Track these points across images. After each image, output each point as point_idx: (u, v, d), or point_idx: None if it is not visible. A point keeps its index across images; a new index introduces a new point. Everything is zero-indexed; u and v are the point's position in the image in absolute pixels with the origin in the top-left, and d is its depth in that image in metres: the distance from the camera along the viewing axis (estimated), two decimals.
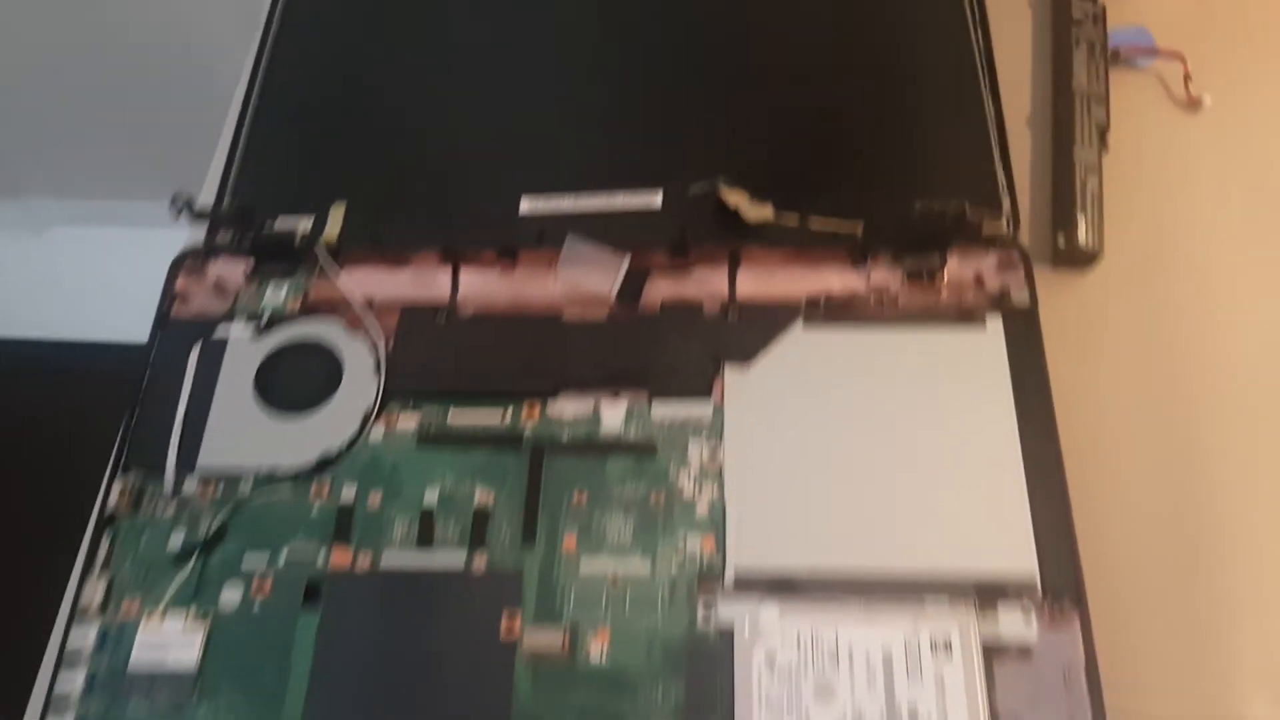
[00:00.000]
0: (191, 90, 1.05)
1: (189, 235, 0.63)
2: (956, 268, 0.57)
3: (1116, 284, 0.59)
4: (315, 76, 0.70)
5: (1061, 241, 0.59)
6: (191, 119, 0.93)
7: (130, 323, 0.72)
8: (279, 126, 0.68)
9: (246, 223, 0.60)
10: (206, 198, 0.65)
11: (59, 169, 1.30)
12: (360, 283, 0.60)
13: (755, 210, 0.59)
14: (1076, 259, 0.59)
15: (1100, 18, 0.64)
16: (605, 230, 0.60)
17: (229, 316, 0.59)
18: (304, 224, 0.62)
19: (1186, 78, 0.64)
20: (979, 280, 0.57)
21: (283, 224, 0.62)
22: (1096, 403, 0.56)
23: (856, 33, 0.68)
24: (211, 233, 0.62)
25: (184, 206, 0.58)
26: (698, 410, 0.55)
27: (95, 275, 1.35)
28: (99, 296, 1.32)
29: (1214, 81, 0.64)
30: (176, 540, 0.53)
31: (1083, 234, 0.58)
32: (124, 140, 1.19)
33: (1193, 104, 0.64)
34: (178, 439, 0.55)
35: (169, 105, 1.13)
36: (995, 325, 0.55)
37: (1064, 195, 0.59)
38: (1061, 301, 0.58)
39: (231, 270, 0.61)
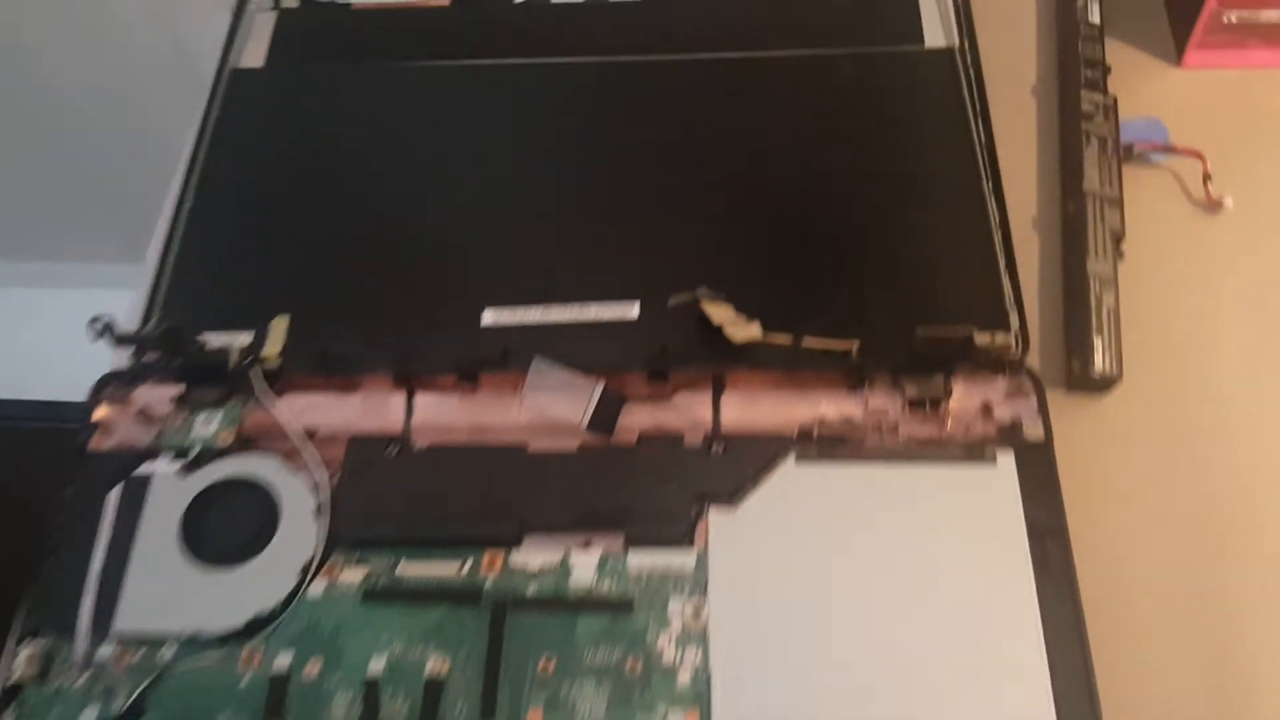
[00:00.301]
0: (132, 152, 0.99)
1: (131, 300, 0.57)
2: (962, 395, 0.52)
3: (1136, 407, 0.54)
4: (257, 174, 0.64)
5: (1076, 367, 0.53)
6: (133, 181, 0.87)
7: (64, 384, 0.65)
8: (217, 229, 0.62)
9: (175, 346, 0.54)
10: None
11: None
12: (303, 410, 0.54)
13: (741, 329, 0.53)
14: (1093, 385, 0.54)
15: (1112, 111, 0.59)
16: (576, 347, 0.54)
17: (154, 451, 0.53)
18: (242, 340, 0.56)
19: (1206, 177, 0.59)
20: (987, 409, 0.51)
21: (217, 341, 0.56)
22: (1116, 539, 0.51)
23: (849, 132, 0.63)
24: (138, 353, 0.56)
25: (104, 329, 0.52)
26: (679, 560, 0.49)
27: (33, 336, 1.28)
28: (35, 358, 1.24)
29: (1235, 181, 0.59)
30: (90, 717, 0.46)
31: (1099, 358, 0.53)
32: (61, 201, 1.13)
33: (1213, 205, 0.59)
34: (93, 597, 0.49)
35: (108, 166, 1.07)
36: (1007, 462, 0.50)
37: (1078, 315, 0.54)
38: (1076, 428, 0.52)
39: (158, 397, 0.55)
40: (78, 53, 0.85)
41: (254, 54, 0.70)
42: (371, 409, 0.54)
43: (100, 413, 0.54)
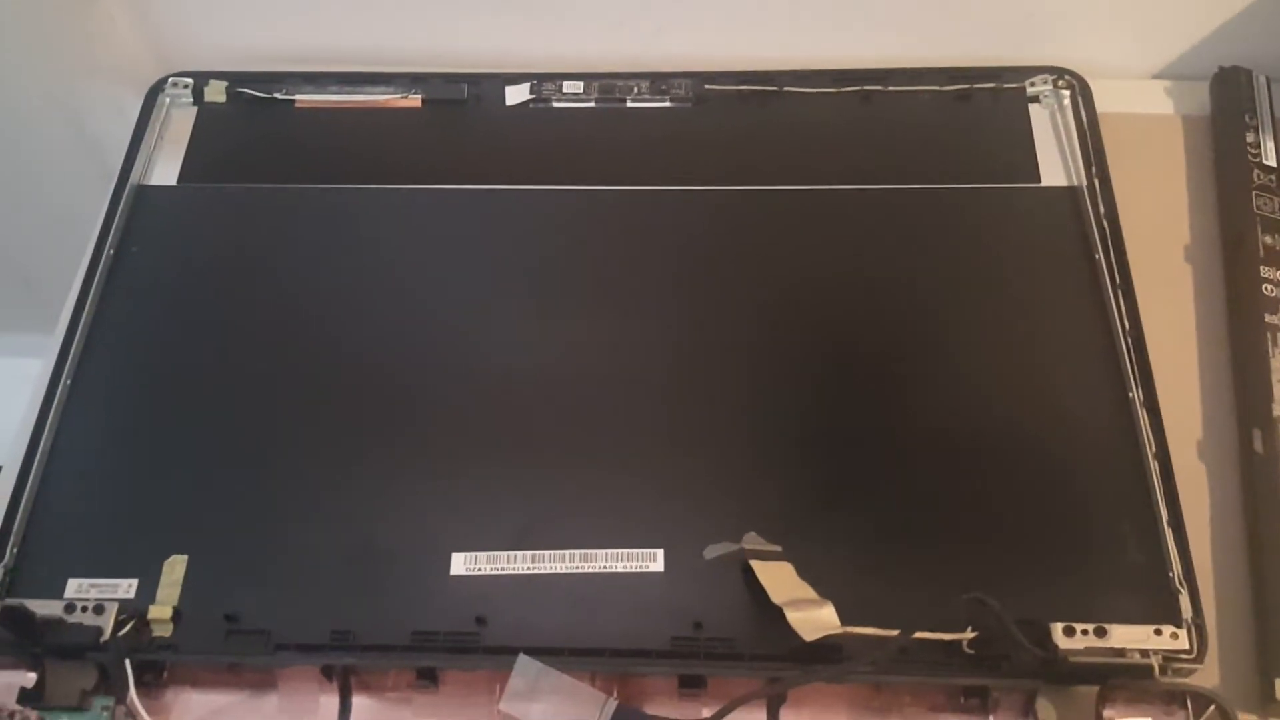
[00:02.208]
0: (45, 223, 0.84)
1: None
2: None
3: None
4: (154, 333, 0.49)
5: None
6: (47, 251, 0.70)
7: None
8: (96, 425, 0.47)
9: (21, 629, 0.39)
10: None
11: None
12: (199, 716, 0.39)
13: (810, 616, 0.38)
14: None
15: None
16: (574, 616, 0.41)
17: None
18: (124, 591, 0.41)
19: None
20: None
21: (89, 593, 0.41)
22: None
23: (947, 310, 0.48)
24: None
25: None
26: None
27: None
28: None
29: None
30: None
31: None
32: None
33: None
34: None
35: (21, 237, 0.92)
36: None
37: (1278, 616, 0.39)
38: None
39: (4, 688, 0.40)
40: None
41: (166, 163, 0.54)
42: (293, 714, 0.40)
43: None
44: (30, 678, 0.40)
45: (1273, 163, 0.48)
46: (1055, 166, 0.51)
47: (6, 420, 0.48)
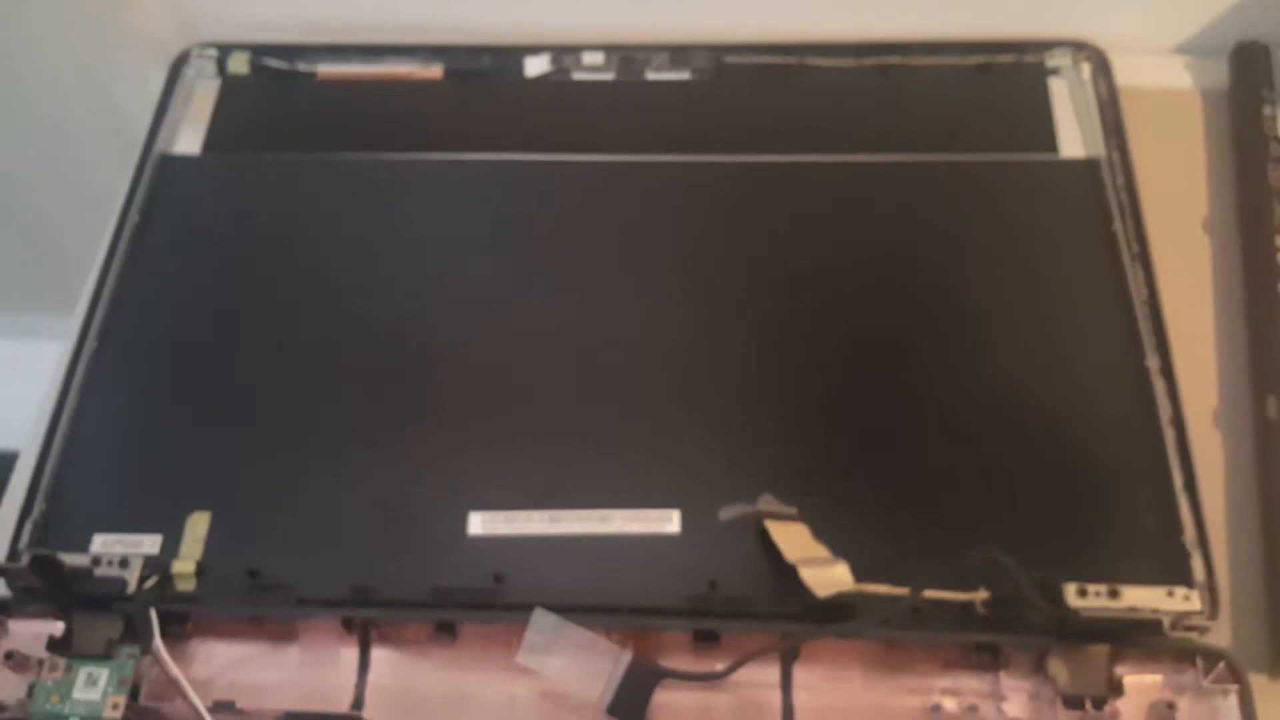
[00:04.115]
0: (68, 198, 0.85)
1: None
2: (1136, 690, 0.37)
3: None
4: (178, 301, 0.50)
5: None
6: (70, 228, 0.72)
7: None
8: (119, 385, 0.47)
9: (49, 577, 0.39)
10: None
11: None
12: (220, 669, 0.40)
13: (823, 574, 0.39)
14: None
15: None
16: (591, 574, 0.41)
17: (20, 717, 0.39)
18: (147, 546, 0.42)
19: None
20: (1170, 710, 0.37)
21: (113, 548, 0.41)
22: None
23: (966, 272, 0.48)
24: (11, 580, 0.41)
25: None
26: None
27: None
28: None
29: None
30: None
31: None
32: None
33: None
34: None
35: (42, 215, 0.93)
36: None
37: None
38: None
39: (33, 636, 0.40)
40: (5, 112, 0.71)
41: (190, 133, 0.55)
42: (313, 666, 0.40)
43: None
44: (59, 627, 0.41)
45: None
46: (1074, 139, 0.51)
47: (30, 394, 0.49)
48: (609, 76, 0.55)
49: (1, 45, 0.65)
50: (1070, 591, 0.39)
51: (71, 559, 0.41)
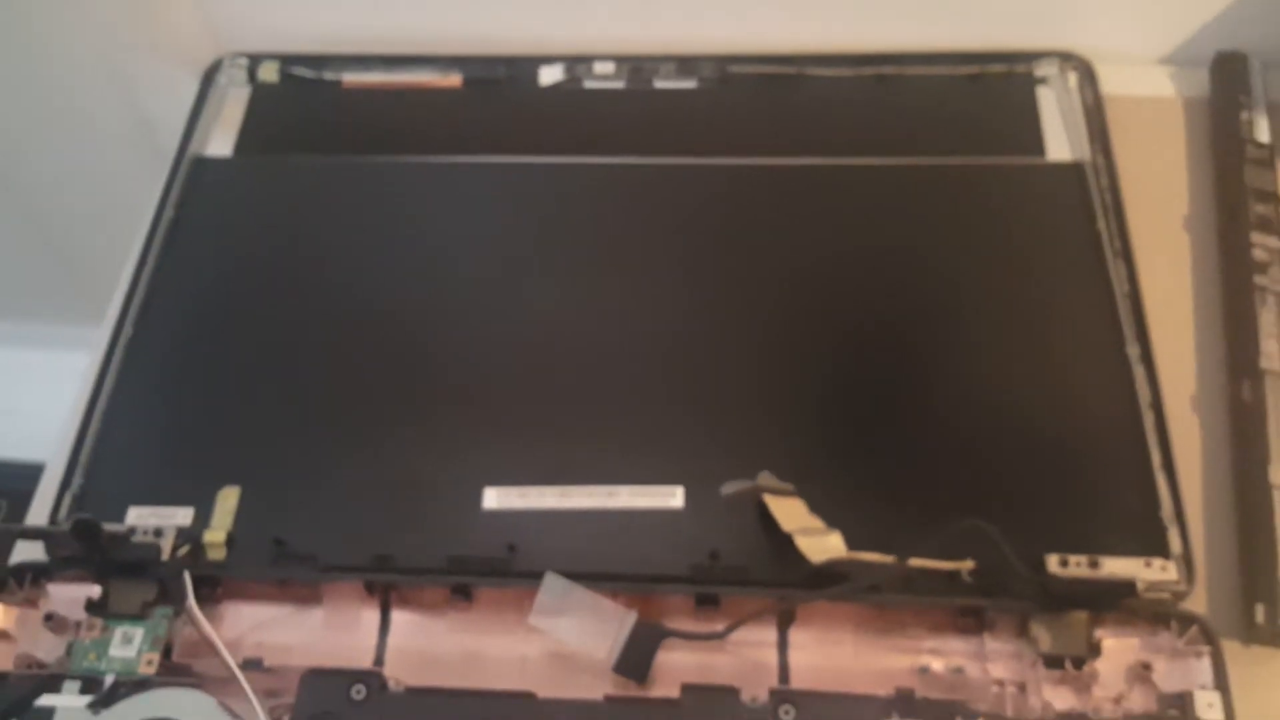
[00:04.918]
0: (98, 208, 0.87)
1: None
2: (1114, 652, 0.39)
3: None
4: (211, 294, 0.52)
5: (1262, 615, 0.40)
6: (96, 239, 0.74)
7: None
8: (155, 370, 0.50)
9: (89, 541, 0.42)
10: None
11: None
12: (249, 629, 0.42)
13: (818, 542, 0.41)
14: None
15: None
16: (599, 545, 0.44)
17: (58, 677, 0.41)
18: (180, 518, 0.44)
19: None
20: (1146, 670, 0.39)
21: (147, 519, 0.44)
22: None
23: (958, 268, 0.51)
24: (52, 545, 0.44)
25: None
26: None
27: None
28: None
29: None
30: None
31: None
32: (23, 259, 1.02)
33: None
34: None
35: (70, 225, 0.96)
36: None
37: (1260, 543, 0.41)
38: (1265, 695, 0.40)
39: (71, 599, 0.43)
40: (37, 122, 0.74)
41: (222, 138, 0.58)
42: (336, 629, 0.42)
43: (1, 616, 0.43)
44: (96, 591, 0.43)
45: (1264, 139, 0.50)
46: (1061, 143, 0.54)
47: (58, 406, 0.52)
48: (619, 85, 0.58)
49: (35, 56, 0.68)
50: (1052, 562, 0.41)
51: (109, 527, 0.44)
